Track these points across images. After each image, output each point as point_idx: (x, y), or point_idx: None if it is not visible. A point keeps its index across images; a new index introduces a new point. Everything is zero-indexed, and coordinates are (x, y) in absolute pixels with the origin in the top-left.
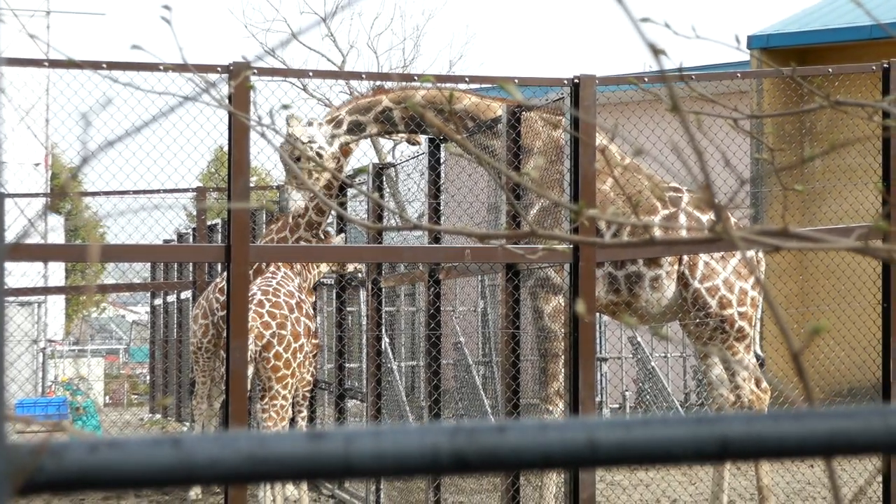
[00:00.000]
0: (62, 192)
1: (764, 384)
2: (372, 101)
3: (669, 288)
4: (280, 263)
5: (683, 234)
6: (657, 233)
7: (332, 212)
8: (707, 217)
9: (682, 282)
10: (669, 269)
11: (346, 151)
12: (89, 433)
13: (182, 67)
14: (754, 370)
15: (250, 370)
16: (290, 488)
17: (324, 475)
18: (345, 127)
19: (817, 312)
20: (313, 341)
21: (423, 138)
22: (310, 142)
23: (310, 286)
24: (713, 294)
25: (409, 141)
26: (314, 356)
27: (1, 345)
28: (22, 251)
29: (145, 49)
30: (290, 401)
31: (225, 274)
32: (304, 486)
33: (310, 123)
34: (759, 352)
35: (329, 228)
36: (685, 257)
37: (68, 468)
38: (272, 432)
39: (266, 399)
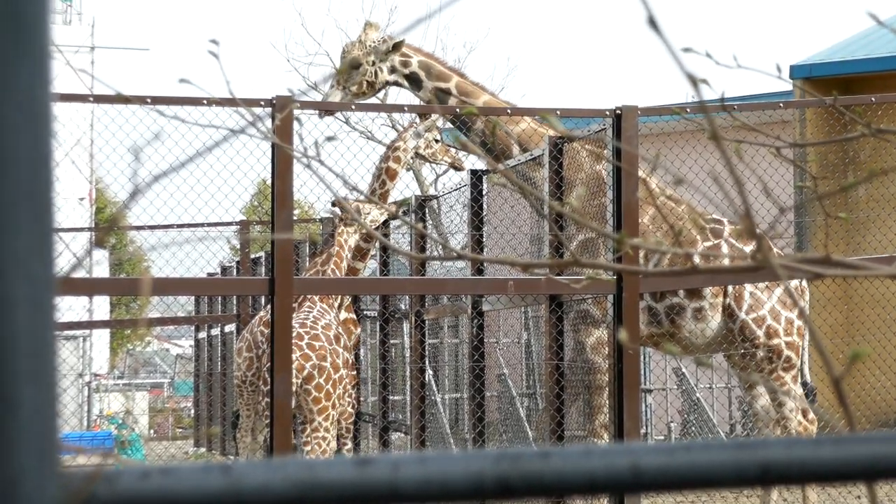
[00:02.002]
0: (109, 226)
1: (811, 415)
2: (443, 73)
3: (714, 319)
4: (316, 297)
5: (725, 263)
6: (698, 263)
7: (376, 242)
8: (749, 248)
9: (728, 312)
10: (713, 300)
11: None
12: (138, 463)
13: (227, 101)
14: (801, 400)
15: (292, 403)
16: None
17: (371, 501)
18: (409, 70)
19: (863, 342)
20: (351, 373)
21: (464, 162)
22: (376, 58)
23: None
24: (760, 324)
25: (453, 166)
26: (354, 387)
27: (53, 376)
28: (71, 285)
29: (192, 83)
30: (332, 432)
31: (269, 307)
32: None
33: (383, 39)
34: (808, 380)
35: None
36: (730, 288)
37: (121, 495)
38: (320, 459)
39: (308, 431)
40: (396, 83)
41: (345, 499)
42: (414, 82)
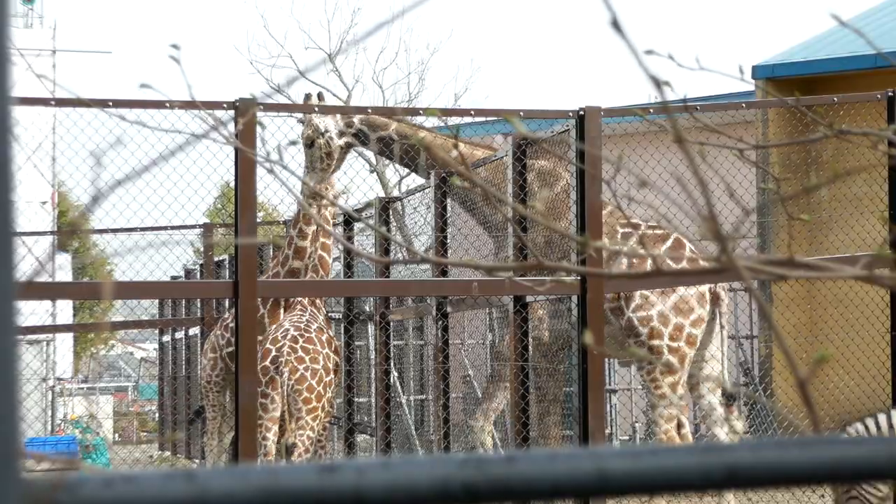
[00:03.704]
0: (71, 229)
1: (684, 429)
2: (382, 124)
3: (611, 317)
4: (305, 301)
5: (634, 267)
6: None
7: (337, 243)
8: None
9: (619, 311)
10: (610, 304)
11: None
12: (101, 469)
13: (189, 104)
14: (678, 413)
15: (279, 403)
16: None
17: None
18: (353, 129)
19: (826, 342)
20: (336, 377)
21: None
22: (325, 130)
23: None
24: (644, 324)
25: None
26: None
27: (15, 382)
28: (34, 289)
29: (154, 87)
30: (317, 432)
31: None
32: None
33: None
34: (728, 385)
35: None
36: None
37: (84, 502)
38: (283, 465)
39: (296, 430)
40: (349, 144)
41: None
42: (362, 139)
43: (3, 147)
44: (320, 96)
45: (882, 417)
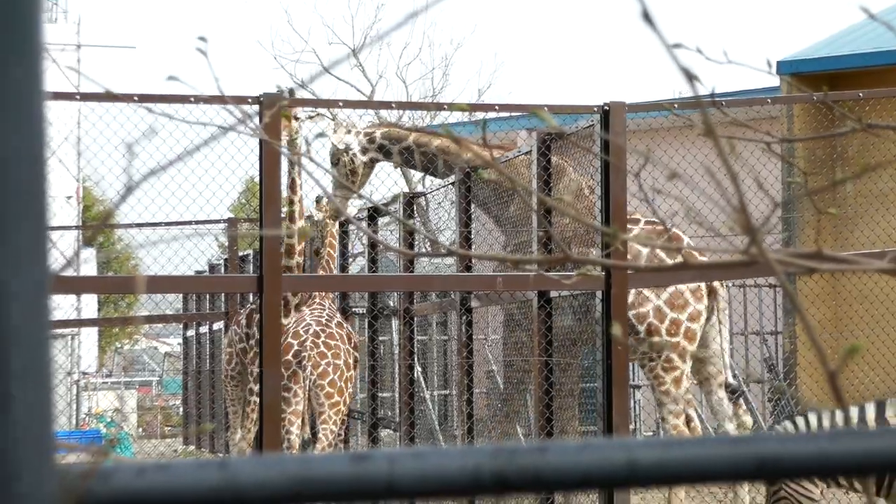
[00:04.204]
0: (98, 223)
1: (694, 422)
2: (401, 135)
3: None
4: (322, 295)
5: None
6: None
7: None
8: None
9: None
10: None
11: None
12: (130, 459)
13: (214, 99)
14: (685, 406)
15: (302, 396)
16: None
17: (367, 496)
18: (377, 144)
19: (850, 338)
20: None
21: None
22: (346, 148)
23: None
24: (641, 321)
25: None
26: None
27: (49, 372)
28: (61, 283)
29: (181, 80)
30: (339, 426)
31: (248, 304)
32: None
33: (348, 131)
34: (731, 380)
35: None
36: None
37: (117, 491)
38: (317, 454)
39: (319, 424)
40: (374, 160)
41: (341, 494)
42: (386, 153)
43: (38, 142)
44: (292, 92)
45: (812, 416)
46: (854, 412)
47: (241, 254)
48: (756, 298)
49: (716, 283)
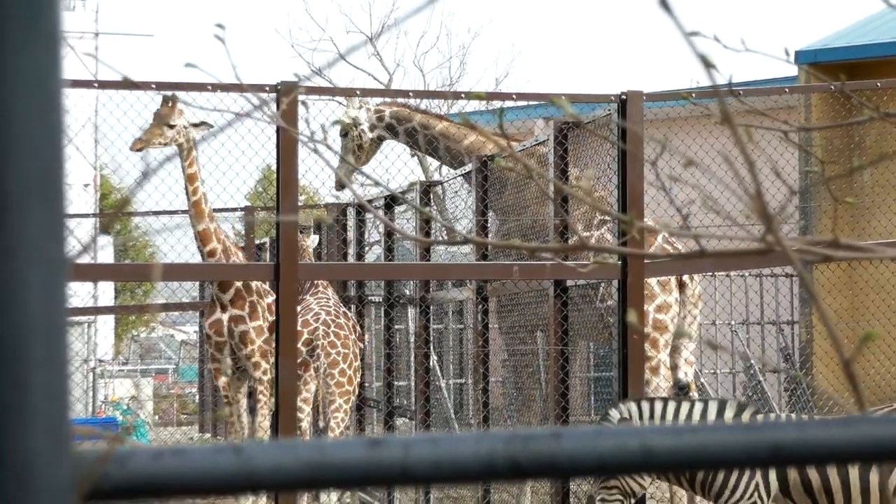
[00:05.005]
0: (116, 210)
1: None
2: (408, 115)
3: (580, 307)
4: (325, 283)
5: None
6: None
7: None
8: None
9: (588, 301)
10: (581, 291)
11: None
12: (146, 445)
13: (232, 87)
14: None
15: (312, 384)
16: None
17: (382, 482)
18: (385, 123)
19: (867, 327)
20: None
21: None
22: (355, 122)
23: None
24: (612, 313)
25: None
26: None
27: (65, 358)
28: (78, 271)
29: (199, 67)
30: (348, 415)
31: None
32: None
33: (360, 106)
34: (681, 378)
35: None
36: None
37: (133, 475)
38: (331, 440)
39: (329, 412)
40: (381, 138)
41: (356, 479)
42: (393, 132)
43: (56, 128)
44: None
45: (645, 405)
46: (698, 409)
47: (257, 242)
48: (773, 288)
49: (685, 277)
